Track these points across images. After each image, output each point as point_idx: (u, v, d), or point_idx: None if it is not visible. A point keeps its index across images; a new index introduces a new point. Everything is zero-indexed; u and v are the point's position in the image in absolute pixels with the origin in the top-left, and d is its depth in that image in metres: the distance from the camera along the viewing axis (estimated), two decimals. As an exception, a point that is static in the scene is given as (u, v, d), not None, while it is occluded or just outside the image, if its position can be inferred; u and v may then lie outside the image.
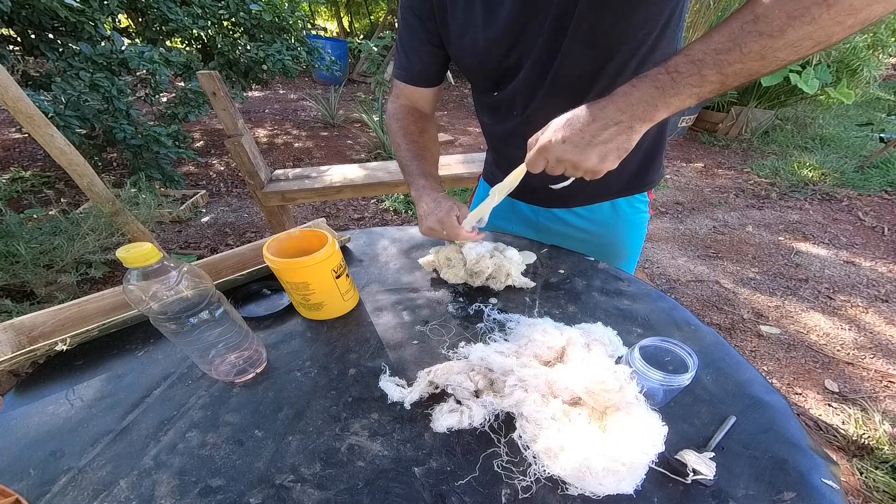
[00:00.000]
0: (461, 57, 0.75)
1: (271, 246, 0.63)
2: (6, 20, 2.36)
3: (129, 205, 2.12)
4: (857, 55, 3.51)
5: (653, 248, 2.54)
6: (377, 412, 0.54)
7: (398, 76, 0.84)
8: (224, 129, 1.79)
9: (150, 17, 3.07)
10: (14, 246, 1.71)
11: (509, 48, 0.68)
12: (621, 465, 0.42)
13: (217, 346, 0.55)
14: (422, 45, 0.78)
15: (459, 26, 0.71)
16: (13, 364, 0.57)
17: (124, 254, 0.44)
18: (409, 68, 0.82)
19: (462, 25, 0.70)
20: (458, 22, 0.70)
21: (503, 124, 0.83)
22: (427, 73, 0.83)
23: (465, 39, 0.71)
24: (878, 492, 1.26)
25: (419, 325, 0.68)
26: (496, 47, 0.69)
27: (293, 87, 6.34)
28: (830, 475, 0.47)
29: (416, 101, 0.86)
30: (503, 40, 0.68)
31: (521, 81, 0.72)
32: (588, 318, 0.68)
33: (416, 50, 0.79)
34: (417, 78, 0.83)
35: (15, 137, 3.80)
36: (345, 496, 0.45)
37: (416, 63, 0.81)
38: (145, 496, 0.46)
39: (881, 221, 2.76)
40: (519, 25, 0.65)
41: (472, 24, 0.69)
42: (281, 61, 3.46)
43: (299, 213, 2.88)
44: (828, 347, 1.81)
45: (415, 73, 0.82)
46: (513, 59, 0.70)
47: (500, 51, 0.69)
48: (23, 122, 1.42)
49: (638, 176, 0.85)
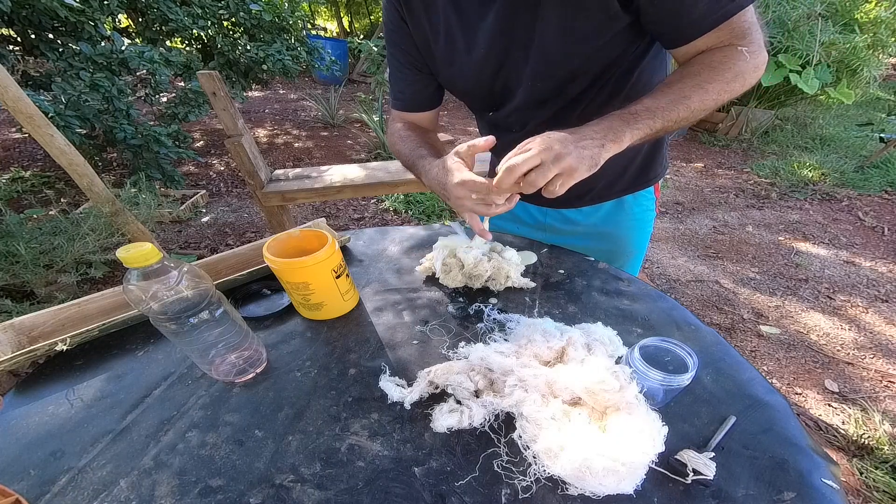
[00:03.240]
0: (452, 84, 0.77)
1: (271, 246, 0.63)
2: (6, 20, 2.36)
3: (129, 205, 2.12)
4: (857, 55, 3.51)
5: (653, 248, 2.54)
6: (377, 412, 0.54)
7: (394, 105, 0.85)
8: (224, 129, 1.79)
9: (150, 17, 3.07)
10: (14, 246, 1.71)
11: (494, 75, 0.70)
12: (621, 465, 0.42)
13: (217, 346, 0.55)
14: (410, 74, 0.79)
15: (445, 56, 0.72)
16: (13, 364, 0.57)
17: (124, 254, 0.44)
18: (402, 98, 0.83)
19: (447, 55, 0.72)
20: (443, 52, 0.72)
21: (501, 139, 0.83)
22: (420, 99, 0.83)
23: (454, 69, 0.73)
24: (878, 492, 1.26)
25: (419, 325, 0.68)
26: (482, 75, 0.71)
27: (293, 87, 6.34)
28: (830, 475, 0.47)
29: (416, 122, 0.86)
30: (486, 68, 0.70)
31: (514, 105, 0.74)
32: (588, 318, 0.68)
33: (406, 79, 0.80)
34: (411, 105, 0.83)
35: (15, 137, 3.80)
36: (345, 496, 0.45)
37: (408, 91, 0.81)
38: (145, 496, 0.46)
39: (881, 221, 2.76)
40: (500, 54, 0.67)
41: (456, 53, 0.70)
42: (281, 61, 3.46)
43: (299, 213, 2.88)
44: (828, 347, 1.81)
45: (408, 101, 0.83)
46: (500, 85, 0.72)
47: (487, 78, 0.71)
48: (23, 122, 1.42)
49: (643, 171, 0.86)
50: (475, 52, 0.68)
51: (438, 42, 0.71)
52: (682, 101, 0.57)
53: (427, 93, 0.82)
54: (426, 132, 0.85)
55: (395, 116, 0.87)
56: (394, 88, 0.83)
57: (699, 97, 0.57)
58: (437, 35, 0.70)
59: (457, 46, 0.69)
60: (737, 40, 0.57)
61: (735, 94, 0.59)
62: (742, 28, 0.57)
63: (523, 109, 0.74)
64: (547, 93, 0.70)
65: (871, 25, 3.57)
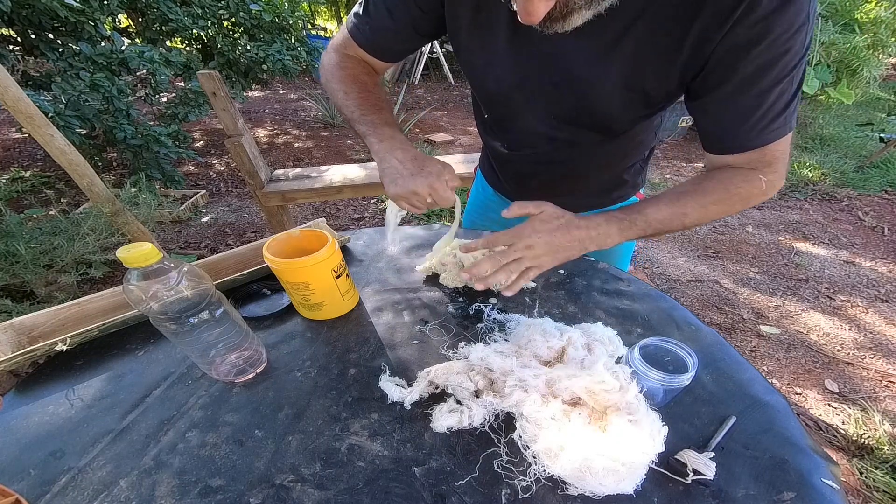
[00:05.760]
0: (465, 68, 0.71)
1: (271, 246, 0.63)
2: (6, 20, 2.36)
3: (129, 205, 2.12)
4: (857, 55, 3.50)
5: (653, 248, 2.54)
6: (377, 412, 0.54)
7: (354, 35, 0.70)
8: (224, 129, 1.79)
9: (150, 17, 3.07)
10: (14, 246, 1.71)
11: (508, 93, 0.68)
12: (621, 465, 0.42)
13: (217, 346, 0.55)
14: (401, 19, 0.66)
15: (480, 52, 0.66)
16: (13, 364, 0.57)
17: (124, 254, 0.44)
18: (373, 37, 0.70)
19: (483, 54, 0.66)
20: (479, 49, 0.65)
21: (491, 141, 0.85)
22: (392, 48, 0.72)
23: (487, 67, 0.67)
24: (878, 492, 1.26)
25: (419, 325, 0.68)
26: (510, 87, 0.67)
27: (293, 87, 6.33)
28: (830, 475, 0.47)
29: (369, 63, 0.75)
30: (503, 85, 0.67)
31: (520, 126, 0.74)
32: (588, 318, 0.68)
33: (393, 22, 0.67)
34: (379, 48, 0.72)
35: (15, 137, 3.80)
36: (345, 496, 0.45)
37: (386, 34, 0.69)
38: (145, 496, 0.46)
39: (881, 221, 2.76)
40: (515, 79, 0.65)
41: (495, 57, 0.64)
42: (281, 61, 3.46)
43: (299, 213, 2.88)
44: (828, 347, 1.80)
45: (378, 43, 0.71)
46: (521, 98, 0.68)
47: (511, 91, 0.68)
48: (23, 122, 1.42)
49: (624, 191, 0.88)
50: (516, 63, 0.63)
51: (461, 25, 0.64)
52: (680, 218, 0.62)
53: (401, 46, 0.73)
54: (378, 80, 0.76)
55: (344, 44, 0.73)
56: (366, 19, 0.69)
57: (697, 216, 0.62)
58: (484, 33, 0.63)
59: (498, 50, 0.63)
60: (763, 166, 0.58)
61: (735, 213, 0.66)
62: (773, 155, 0.57)
63: (526, 133, 0.74)
64: (559, 131, 0.70)
65: (871, 25, 3.57)
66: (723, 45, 0.49)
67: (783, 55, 0.48)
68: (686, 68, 0.53)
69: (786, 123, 0.54)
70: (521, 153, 0.79)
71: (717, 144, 0.60)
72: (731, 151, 0.59)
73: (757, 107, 0.52)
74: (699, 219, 0.62)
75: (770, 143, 0.56)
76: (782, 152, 0.58)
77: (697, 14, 0.48)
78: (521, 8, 0.45)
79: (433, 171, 0.63)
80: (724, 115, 0.56)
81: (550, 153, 0.76)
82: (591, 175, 0.81)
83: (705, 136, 0.61)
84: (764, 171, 0.59)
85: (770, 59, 0.48)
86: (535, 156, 0.78)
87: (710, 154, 0.62)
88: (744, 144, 0.57)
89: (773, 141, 0.55)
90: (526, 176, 0.84)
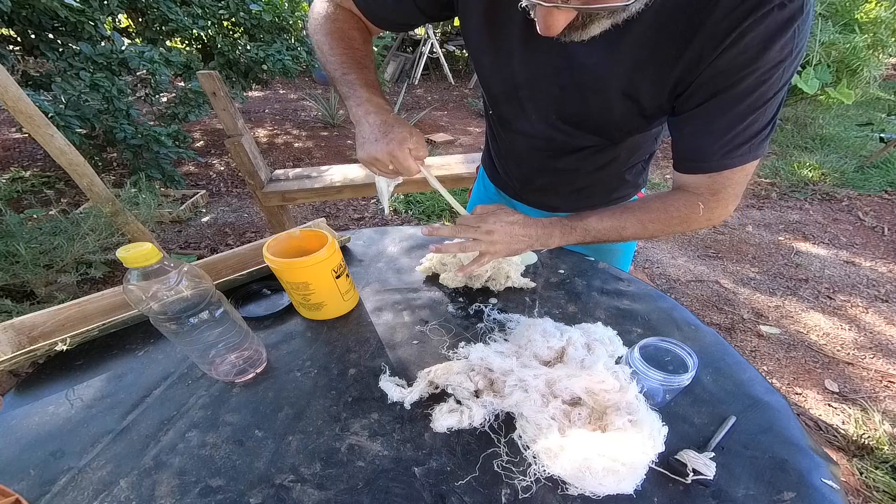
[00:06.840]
0: (474, 63, 0.71)
1: (271, 246, 0.63)
2: (6, 20, 2.36)
3: (129, 205, 2.12)
4: (857, 55, 3.50)
5: (653, 248, 2.54)
6: (377, 412, 0.54)
7: None
8: (224, 129, 1.79)
9: (150, 17, 3.07)
10: (14, 246, 1.71)
11: (513, 92, 0.69)
12: (621, 465, 0.42)
13: (217, 346, 0.55)
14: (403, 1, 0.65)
15: (475, 44, 0.66)
16: (13, 364, 0.57)
17: (124, 254, 0.44)
18: (372, 3, 0.68)
19: (477, 45, 0.66)
20: (475, 39, 0.65)
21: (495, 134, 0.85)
22: (387, 20, 0.71)
23: (494, 64, 0.67)
24: (878, 492, 1.26)
25: (419, 325, 0.68)
26: (513, 85, 0.67)
27: (293, 87, 6.33)
28: (830, 475, 0.47)
29: (362, 20, 0.72)
30: (509, 83, 0.68)
31: (521, 125, 0.74)
32: (588, 318, 0.68)
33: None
34: (375, 12, 0.69)
35: (15, 137, 3.79)
36: (345, 496, 0.45)
37: (380, 4, 0.68)
38: (145, 496, 0.46)
39: (881, 221, 2.76)
40: (523, 79, 0.65)
41: (502, 55, 0.64)
42: (281, 61, 3.46)
43: (299, 213, 2.88)
44: (828, 347, 1.80)
45: (374, 12, 0.69)
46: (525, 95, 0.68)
47: (507, 88, 0.69)
48: (23, 122, 1.42)
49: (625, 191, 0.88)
50: (525, 64, 0.63)
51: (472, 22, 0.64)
52: (618, 231, 0.68)
53: (400, 18, 0.70)
54: (368, 38, 0.74)
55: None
56: None
57: (635, 231, 0.68)
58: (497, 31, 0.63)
59: (511, 50, 0.63)
60: (708, 193, 0.61)
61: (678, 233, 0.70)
62: (722, 183, 0.60)
63: (528, 131, 0.75)
64: (561, 132, 0.71)
65: (871, 25, 3.57)
66: (712, 67, 0.50)
67: (761, 85, 0.49)
68: (677, 84, 0.55)
69: (751, 151, 0.55)
70: (523, 151, 0.80)
71: (682, 163, 0.62)
72: (692, 171, 0.61)
73: (727, 129, 0.54)
74: (637, 234, 0.68)
75: (727, 169, 0.57)
76: (735, 183, 0.60)
77: (696, 33, 0.49)
78: (541, 21, 0.46)
79: (395, 137, 0.60)
80: (696, 134, 0.57)
81: (552, 153, 0.76)
82: (592, 175, 0.81)
83: (675, 154, 0.62)
84: (706, 199, 0.62)
85: (748, 87, 0.50)
86: (537, 154, 0.78)
87: (675, 172, 0.64)
88: (701, 167, 0.59)
89: (735, 166, 0.57)
90: (527, 173, 0.85)
